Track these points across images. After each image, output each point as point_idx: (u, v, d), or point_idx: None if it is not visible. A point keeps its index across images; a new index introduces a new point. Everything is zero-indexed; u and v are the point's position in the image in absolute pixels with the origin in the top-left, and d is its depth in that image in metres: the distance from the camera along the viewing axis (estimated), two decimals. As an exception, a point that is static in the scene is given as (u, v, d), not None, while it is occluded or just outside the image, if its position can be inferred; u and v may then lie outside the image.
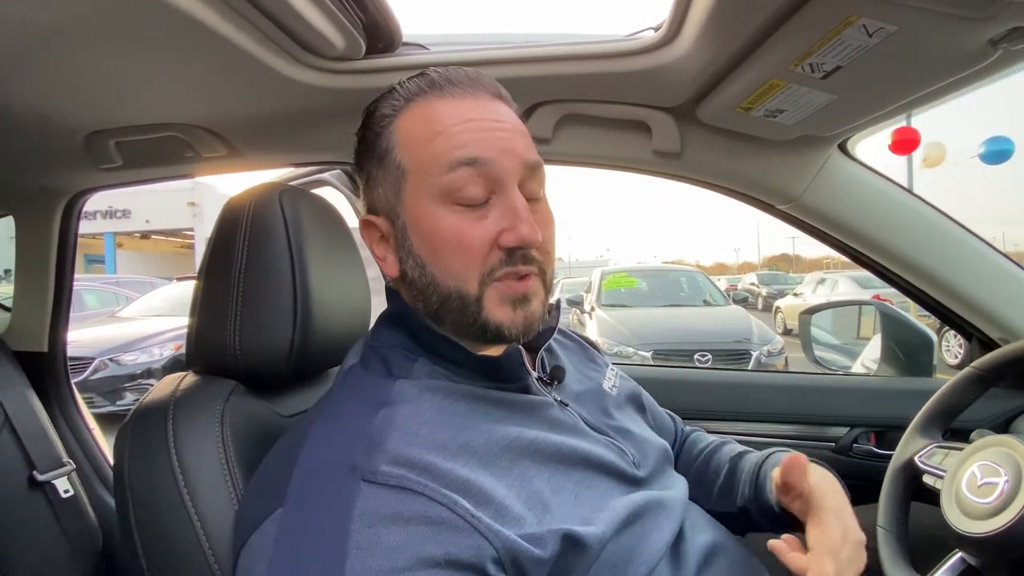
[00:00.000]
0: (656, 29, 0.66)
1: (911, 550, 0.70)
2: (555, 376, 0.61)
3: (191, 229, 15.22)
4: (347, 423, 0.48)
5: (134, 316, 5.59)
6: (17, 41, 0.56)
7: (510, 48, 0.73)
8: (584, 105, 0.79)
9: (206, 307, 0.60)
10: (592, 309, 6.09)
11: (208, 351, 0.59)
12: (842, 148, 0.83)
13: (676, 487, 0.62)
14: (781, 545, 0.52)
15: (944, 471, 0.68)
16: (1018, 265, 0.86)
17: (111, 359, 4.33)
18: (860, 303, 1.12)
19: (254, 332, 0.58)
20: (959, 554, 0.63)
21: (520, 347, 0.53)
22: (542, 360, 0.62)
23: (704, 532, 0.59)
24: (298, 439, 0.49)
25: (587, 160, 0.87)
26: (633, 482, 0.56)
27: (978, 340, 0.92)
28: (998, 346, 0.86)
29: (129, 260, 17.03)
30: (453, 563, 0.39)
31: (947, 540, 0.64)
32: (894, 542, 0.71)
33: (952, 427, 0.77)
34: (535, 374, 0.58)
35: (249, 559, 0.43)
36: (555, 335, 0.69)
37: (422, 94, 0.53)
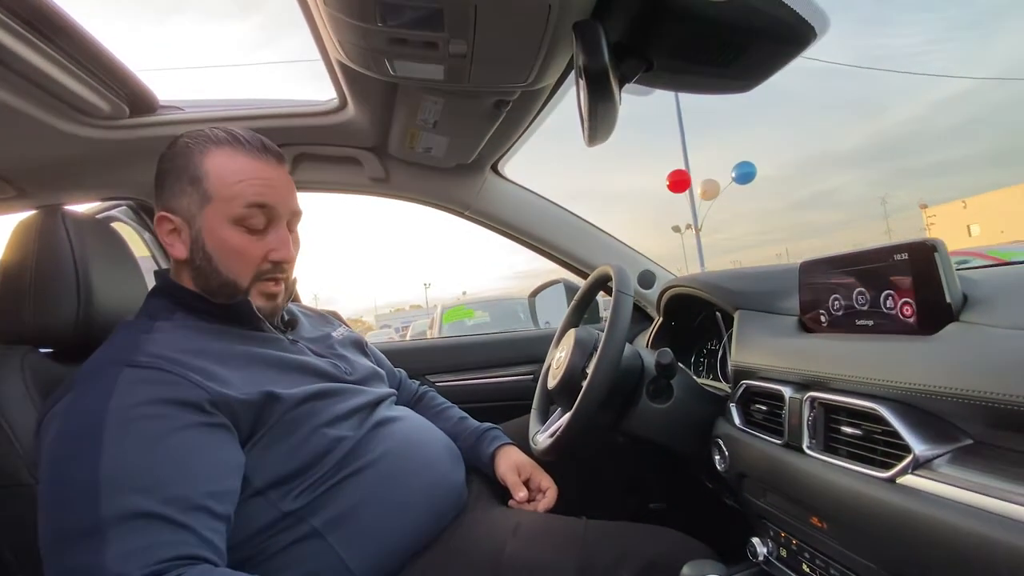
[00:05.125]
0: (340, 98, 1.03)
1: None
2: (289, 324, 0.93)
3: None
4: (118, 342, 0.74)
5: None
6: None
7: (245, 109, 1.05)
8: (309, 147, 1.14)
9: (6, 295, 0.81)
10: (434, 343, 6.42)
11: (8, 326, 0.80)
12: (496, 170, 1.27)
13: (379, 388, 0.96)
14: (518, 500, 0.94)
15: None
16: (615, 239, 1.37)
17: None
18: (554, 283, 1.57)
19: (45, 312, 0.81)
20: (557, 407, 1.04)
21: (249, 300, 0.83)
22: (282, 317, 0.94)
23: (393, 411, 0.93)
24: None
25: (322, 186, 1.21)
26: (341, 381, 0.89)
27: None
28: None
29: None
30: (179, 401, 0.67)
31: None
32: (536, 415, 1.11)
33: None
34: (275, 324, 0.90)
35: (45, 427, 0.68)
36: (303, 310, 1.03)
37: (229, 144, 0.81)
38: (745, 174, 10.53)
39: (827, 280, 0.75)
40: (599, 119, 0.63)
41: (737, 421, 0.80)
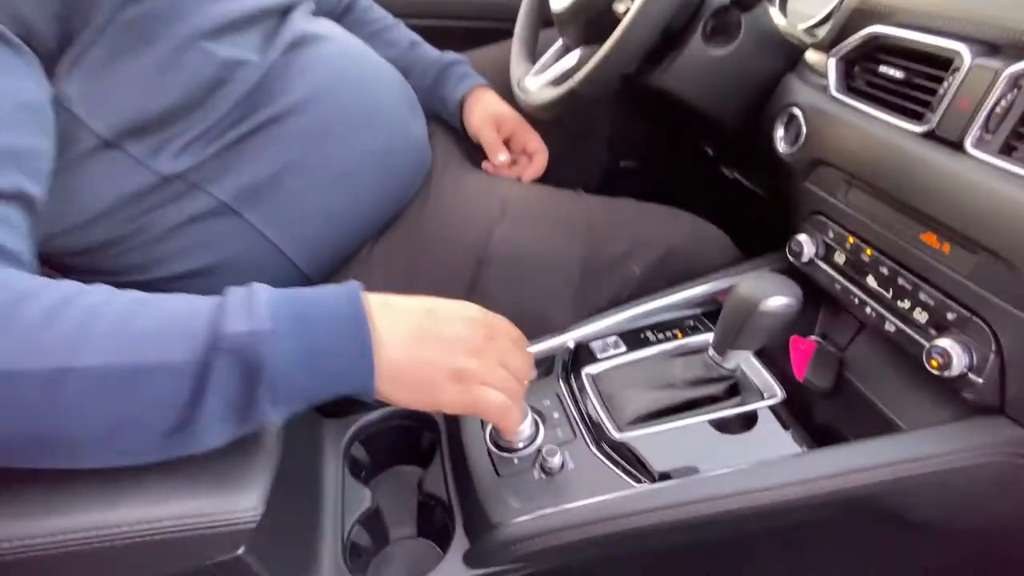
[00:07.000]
0: None
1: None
2: None
3: None
4: None
5: None
6: None
7: None
8: None
9: None
10: None
11: None
12: None
13: None
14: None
15: None
16: None
17: None
18: None
19: None
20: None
21: None
22: None
23: (312, 25, 0.59)
24: None
25: None
26: None
27: None
28: None
29: None
30: None
31: None
32: (522, 48, 0.79)
33: None
34: None
35: None
36: None
37: None
38: None
39: None
40: None
41: (833, 86, 0.56)
